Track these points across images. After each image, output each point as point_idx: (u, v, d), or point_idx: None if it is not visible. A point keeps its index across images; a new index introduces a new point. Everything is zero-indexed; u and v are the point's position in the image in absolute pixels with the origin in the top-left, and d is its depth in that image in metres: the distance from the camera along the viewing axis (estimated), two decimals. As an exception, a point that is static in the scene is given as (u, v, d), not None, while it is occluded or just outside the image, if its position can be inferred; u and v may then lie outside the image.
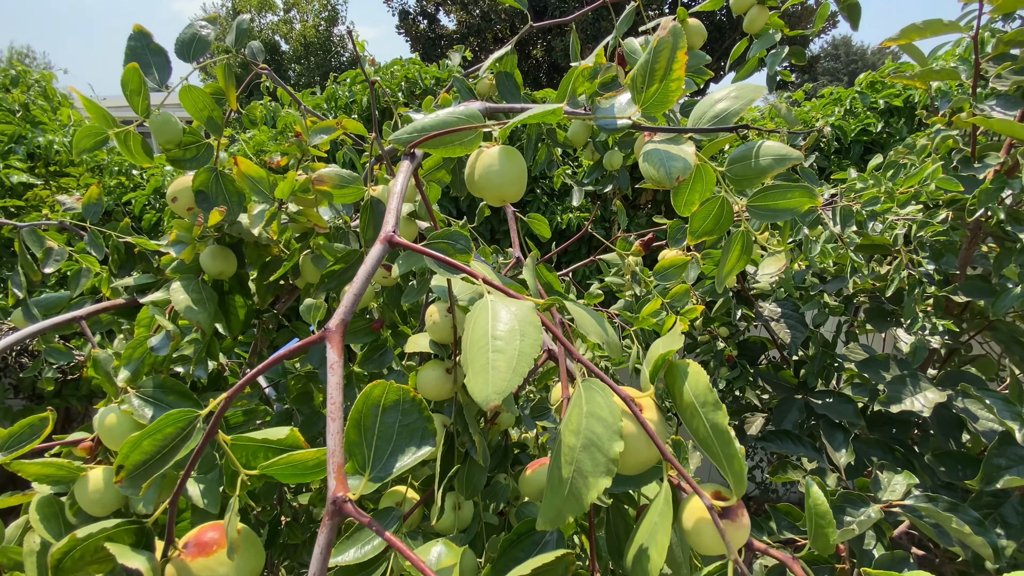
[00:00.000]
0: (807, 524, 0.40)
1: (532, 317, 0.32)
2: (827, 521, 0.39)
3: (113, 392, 0.60)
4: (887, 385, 1.43)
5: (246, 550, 0.37)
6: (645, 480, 0.49)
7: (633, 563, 0.30)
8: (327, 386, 0.34)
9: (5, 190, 2.66)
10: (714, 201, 0.51)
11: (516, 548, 0.43)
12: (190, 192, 0.69)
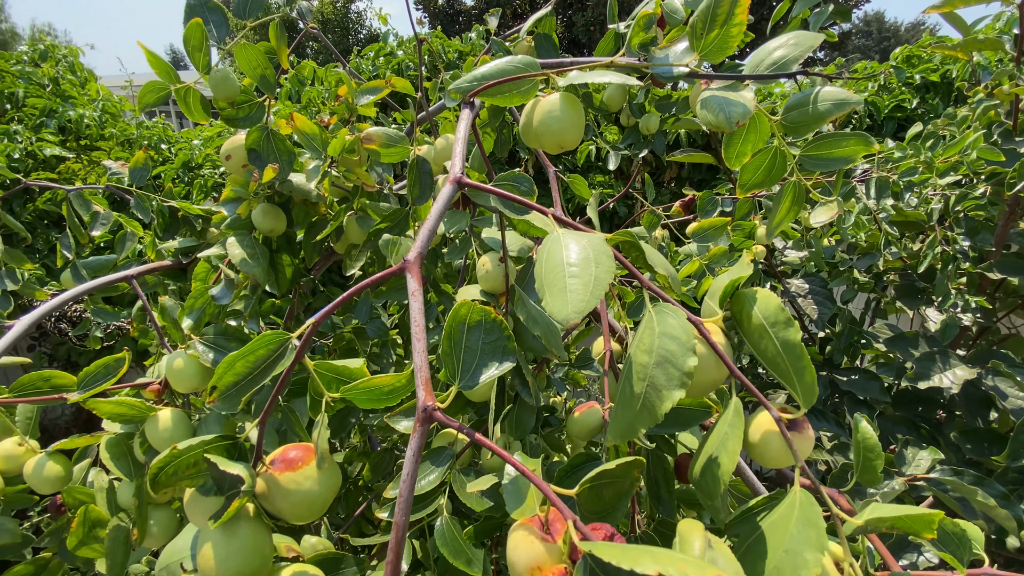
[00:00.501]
0: (854, 458, 0.41)
1: (605, 247, 0.34)
2: (875, 454, 0.40)
3: (179, 338, 0.63)
4: (915, 362, 1.42)
5: (328, 467, 0.40)
6: (689, 423, 0.51)
7: (702, 472, 0.32)
8: (410, 311, 0.36)
9: (38, 163, 2.73)
10: (767, 152, 0.51)
11: (571, 478, 0.45)
12: (243, 150, 0.71)
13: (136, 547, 0.61)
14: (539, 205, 0.39)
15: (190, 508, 0.41)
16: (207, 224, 1.07)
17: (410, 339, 0.77)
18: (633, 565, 0.21)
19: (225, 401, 0.38)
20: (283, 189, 0.72)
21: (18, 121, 2.81)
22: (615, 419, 0.34)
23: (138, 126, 2.87)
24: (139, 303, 1.08)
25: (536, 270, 0.35)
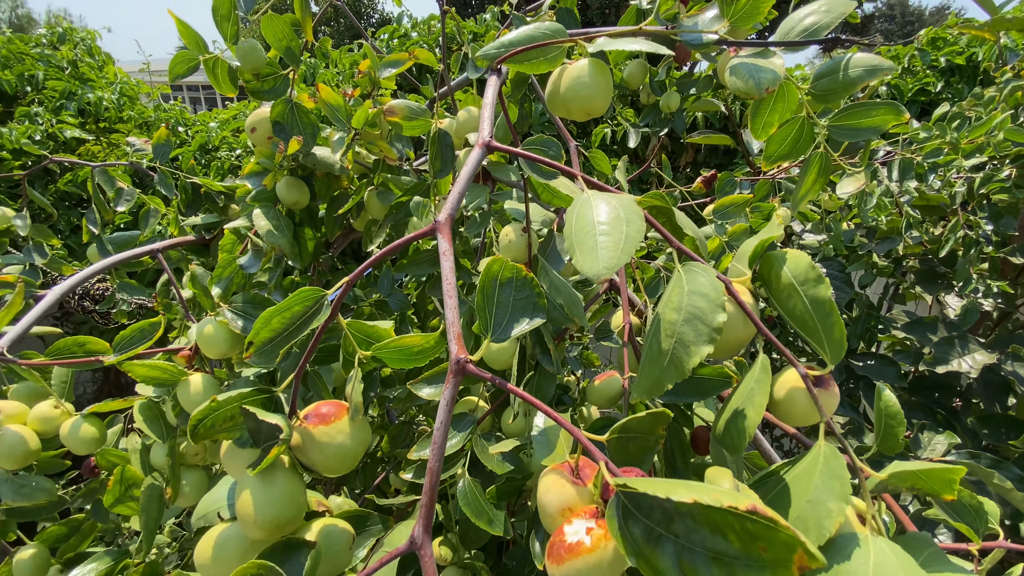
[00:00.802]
0: (876, 426, 0.42)
1: (635, 207, 0.34)
2: (897, 421, 0.40)
3: (209, 305, 0.65)
4: (934, 346, 1.41)
5: (359, 422, 0.41)
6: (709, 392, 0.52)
7: (726, 427, 0.32)
8: (442, 270, 0.37)
9: (59, 145, 2.77)
10: (794, 122, 0.51)
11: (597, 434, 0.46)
12: (268, 122, 0.72)
13: (169, 505, 0.64)
14: (567, 167, 0.39)
15: (227, 460, 0.42)
16: (229, 200, 1.09)
17: (427, 316, 0.79)
18: (669, 494, 0.22)
19: (261, 356, 0.40)
20: (307, 162, 0.73)
21: (38, 103, 2.85)
22: (642, 376, 0.35)
23: (155, 108, 2.89)
24: (163, 278, 1.11)
25: (566, 231, 0.35)
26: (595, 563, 0.24)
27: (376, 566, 0.33)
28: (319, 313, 0.38)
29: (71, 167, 2.75)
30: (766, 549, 0.21)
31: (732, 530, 0.22)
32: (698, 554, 0.23)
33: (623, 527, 0.24)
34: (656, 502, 0.24)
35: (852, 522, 0.30)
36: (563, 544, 0.26)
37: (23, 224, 1.06)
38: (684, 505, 0.23)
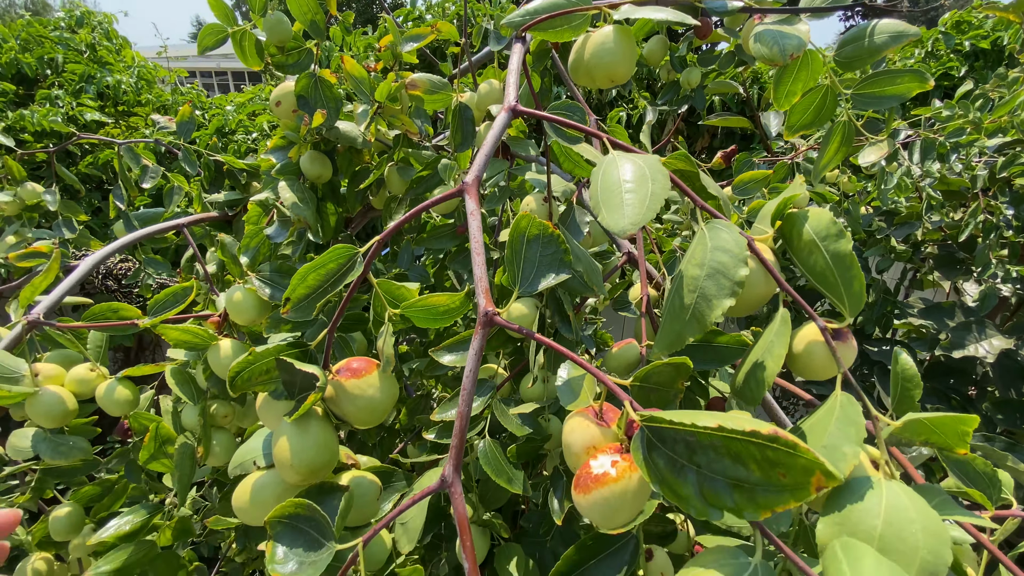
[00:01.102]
0: (892, 390, 0.43)
1: (660, 166, 0.35)
2: (914, 384, 0.41)
3: (238, 273, 0.67)
4: (951, 331, 1.40)
5: (389, 377, 0.43)
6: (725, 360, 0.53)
7: (746, 378, 0.33)
8: (470, 229, 0.38)
9: (79, 128, 2.81)
10: (818, 91, 0.51)
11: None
12: (292, 96, 0.73)
13: (201, 464, 0.67)
14: (593, 129, 0.40)
15: (262, 411, 0.45)
16: (251, 178, 1.11)
17: (444, 292, 0.79)
18: (694, 420, 0.23)
19: (297, 312, 0.42)
20: (330, 136, 0.75)
21: (59, 86, 2.89)
22: (663, 331, 0.36)
23: (173, 92, 2.92)
24: (188, 254, 1.14)
25: (591, 191, 0.36)
26: (620, 491, 0.26)
27: (409, 503, 0.35)
28: (353, 269, 0.39)
29: (91, 150, 2.80)
30: (785, 475, 0.23)
31: (753, 459, 0.24)
32: (719, 482, 0.24)
33: (647, 458, 0.26)
34: (679, 435, 0.26)
35: (866, 467, 0.31)
36: (590, 475, 0.27)
37: (53, 199, 1.09)
38: (706, 436, 0.25)
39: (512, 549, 0.60)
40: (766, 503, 0.23)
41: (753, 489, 0.23)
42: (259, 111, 2.84)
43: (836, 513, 0.29)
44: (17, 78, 2.88)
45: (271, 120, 2.76)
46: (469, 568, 0.32)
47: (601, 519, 0.26)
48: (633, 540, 0.47)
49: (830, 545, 0.27)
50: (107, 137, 1.15)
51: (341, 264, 0.40)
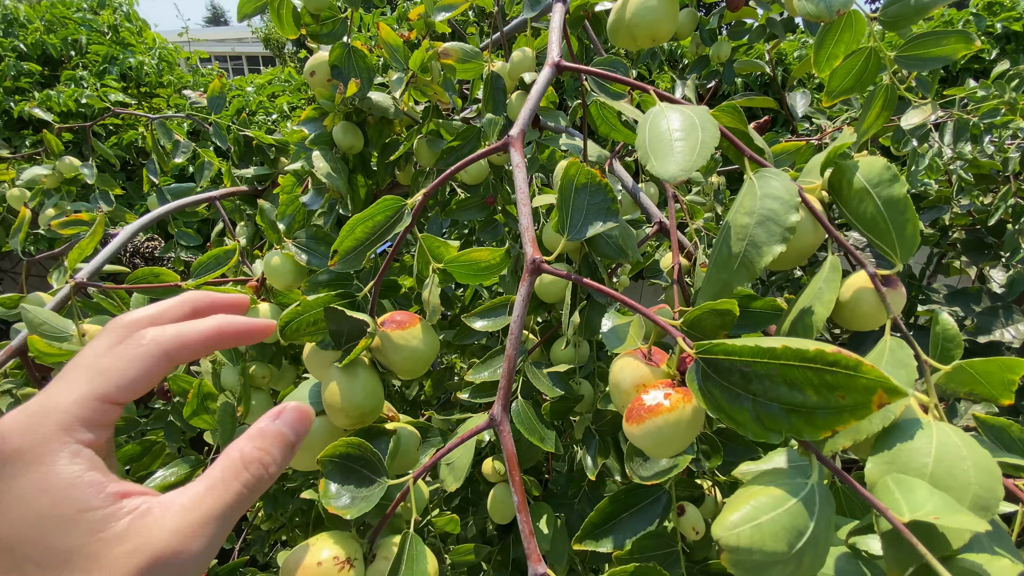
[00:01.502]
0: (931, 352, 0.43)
1: (709, 116, 0.36)
2: (955, 344, 0.41)
3: (275, 239, 0.69)
4: (977, 316, 1.38)
5: (430, 330, 0.45)
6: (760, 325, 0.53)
7: (792, 325, 0.34)
8: (516, 181, 0.39)
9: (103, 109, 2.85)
10: (860, 53, 0.51)
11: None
12: (326, 66, 0.74)
13: (241, 422, 0.69)
14: (639, 82, 0.40)
15: (309, 361, 0.46)
16: (280, 153, 1.13)
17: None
18: (758, 341, 0.24)
19: (345, 264, 0.43)
20: (363, 106, 0.76)
21: (83, 67, 2.94)
22: (708, 280, 0.37)
23: (194, 73, 2.95)
24: (218, 227, 1.16)
25: (638, 141, 0.37)
26: (674, 421, 0.27)
27: (458, 441, 0.36)
28: (401, 220, 0.40)
29: (115, 131, 2.84)
30: (845, 396, 0.23)
31: (810, 385, 0.24)
32: (775, 408, 0.25)
33: (703, 388, 0.27)
34: (734, 365, 0.26)
35: (916, 411, 0.31)
36: (643, 406, 0.28)
37: (90, 173, 1.12)
38: (761, 366, 0.26)
39: (542, 508, 0.61)
40: (825, 423, 0.23)
41: (811, 412, 0.24)
42: (278, 92, 2.86)
43: (885, 452, 0.30)
44: (43, 59, 2.92)
45: (291, 101, 2.78)
46: (519, 502, 0.33)
47: (653, 447, 0.27)
48: (665, 495, 0.49)
49: (881, 481, 0.28)
50: (141, 112, 1.17)
51: (389, 216, 0.41)
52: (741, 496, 0.24)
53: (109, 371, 0.25)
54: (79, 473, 0.23)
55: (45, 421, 0.23)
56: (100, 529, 0.22)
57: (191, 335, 0.28)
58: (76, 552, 0.21)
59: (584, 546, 0.46)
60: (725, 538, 0.22)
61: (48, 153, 1.15)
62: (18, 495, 0.22)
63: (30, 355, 0.75)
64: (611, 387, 0.33)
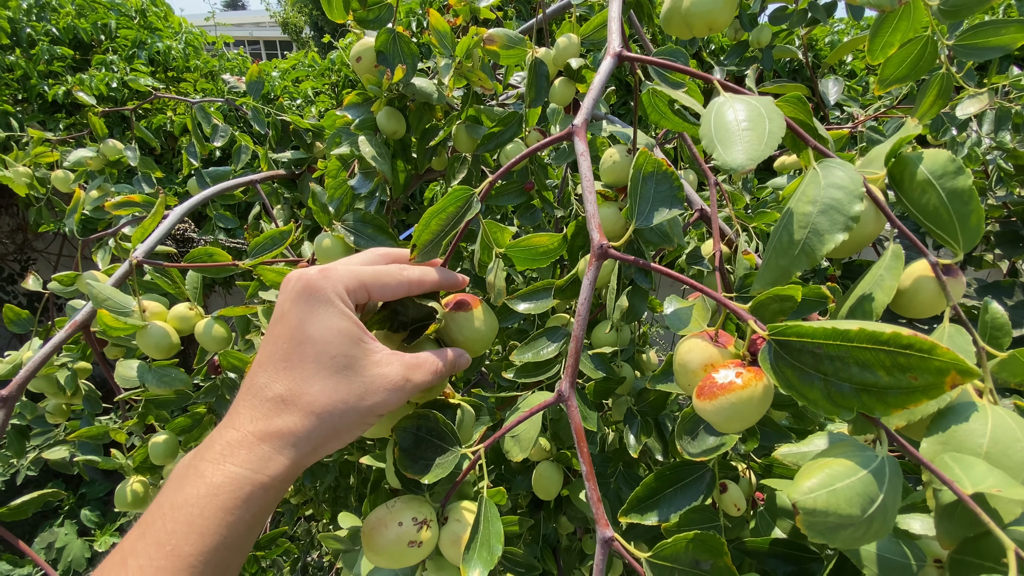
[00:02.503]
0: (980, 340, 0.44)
1: (775, 107, 0.37)
2: (1004, 332, 0.42)
3: (325, 221, 0.71)
4: (1009, 309, 1.36)
5: (490, 312, 0.47)
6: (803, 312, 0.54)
7: (851, 311, 0.35)
8: (580, 169, 0.40)
9: (132, 92, 2.90)
10: (917, 41, 0.51)
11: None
12: (372, 52, 0.76)
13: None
14: (702, 72, 0.41)
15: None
16: (316, 138, 1.15)
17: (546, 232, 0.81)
18: (832, 324, 0.25)
19: (424, 256, 0.45)
20: (407, 91, 0.77)
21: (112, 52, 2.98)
22: (767, 267, 0.38)
23: (219, 58, 2.98)
24: (254, 211, 1.19)
25: (702, 131, 0.38)
26: (747, 397, 0.29)
27: (528, 413, 0.39)
28: (471, 208, 0.42)
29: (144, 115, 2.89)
30: (917, 377, 0.25)
31: (881, 366, 0.26)
32: (846, 387, 0.27)
33: (775, 367, 0.28)
34: (806, 347, 0.28)
35: (971, 394, 0.33)
36: (715, 384, 0.30)
37: (133, 155, 1.15)
38: (833, 348, 0.27)
39: (582, 484, 0.64)
40: (896, 402, 0.25)
41: (883, 391, 0.25)
42: (302, 77, 2.88)
43: (940, 433, 0.31)
44: (74, 43, 2.97)
45: (314, 86, 2.80)
46: (587, 471, 0.35)
47: (724, 422, 0.29)
48: (709, 473, 0.51)
49: (938, 458, 0.30)
50: (181, 96, 1.20)
51: (459, 206, 0.43)
52: (812, 467, 0.26)
53: (371, 272, 0.37)
54: (354, 318, 0.36)
55: (331, 277, 0.35)
56: (372, 352, 0.36)
57: (419, 282, 0.40)
58: (359, 359, 0.35)
59: (630, 518, 0.48)
60: (803, 501, 0.23)
61: (92, 136, 1.19)
62: (322, 315, 0.34)
63: (92, 329, 0.79)
64: (678, 367, 0.35)
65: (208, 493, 0.30)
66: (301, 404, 0.33)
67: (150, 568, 0.28)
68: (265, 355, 0.35)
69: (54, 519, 2.69)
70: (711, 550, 0.36)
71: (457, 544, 0.39)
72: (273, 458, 0.32)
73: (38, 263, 3.76)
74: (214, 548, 0.29)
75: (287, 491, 0.34)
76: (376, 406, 0.35)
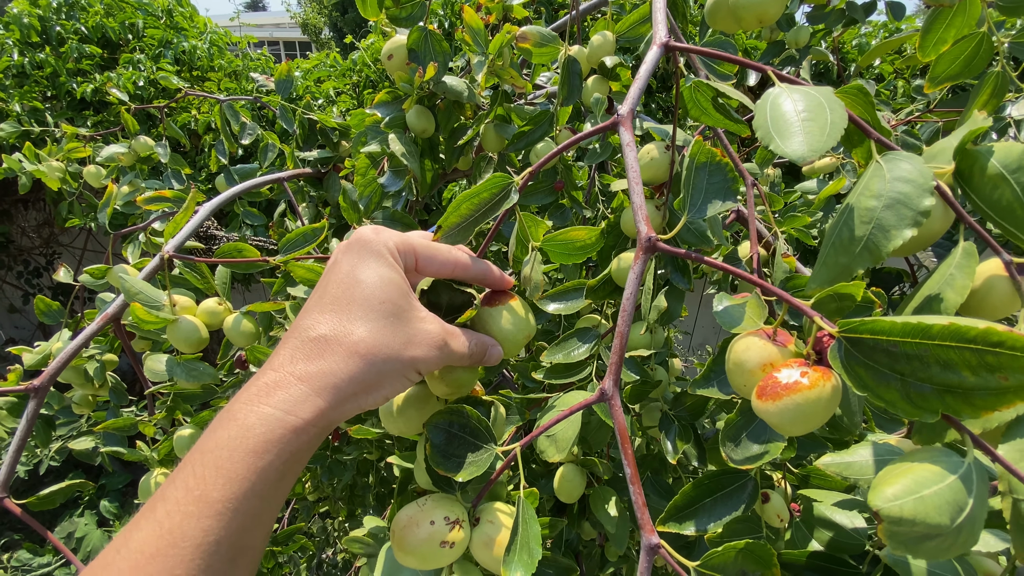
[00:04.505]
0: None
1: (835, 97, 0.35)
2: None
3: (355, 219, 0.71)
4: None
5: (527, 309, 0.46)
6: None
7: (918, 312, 0.34)
8: (626, 161, 0.39)
9: (159, 91, 2.96)
10: (971, 39, 0.49)
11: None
12: (404, 50, 0.75)
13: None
14: (755, 63, 0.40)
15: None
16: (342, 137, 1.15)
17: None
18: (916, 319, 0.24)
19: (448, 239, 0.44)
20: (438, 89, 0.77)
21: (139, 51, 3.05)
22: (824, 265, 0.36)
23: (244, 58, 3.02)
24: (280, 208, 1.20)
25: (757, 122, 0.36)
26: (815, 398, 0.27)
27: (567, 412, 0.37)
28: (507, 198, 0.41)
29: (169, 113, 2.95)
30: (1007, 378, 0.23)
31: (967, 366, 0.24)
32: (927, 388, 0.25)
33: (847, 366, 0.27)
34: (880, 344, 0.26)
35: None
36: (778, 384, 0.28)
37: (164, 152, 1.17)
38: (911, 346, 0.26)
39: (607, 491, 0.62)
40: (985, 404, 0.23)
41: (969, 392, 0.24)
42: (324, 77, 2.91)
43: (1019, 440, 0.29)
44: (102, 42, 3.04)
45: (336, 86, 2.83)
46: (631, 474, 0.34)
47: (789, 424, 0.28)
48: (751, 482, 0.49)
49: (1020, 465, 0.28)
50: (210, 93, 1.22)
51: (495, 193, 0.42)
52: (893, 472, 0.24)
53: (422, 242, 0.39)
54: (403, 274, 0.36)
55: (382, 236, 0.37)
56: (416, 308, 0.36)
57: (465, 266, 0.41)
58: (405, 311, 0.35)
59: (667, 528, 0.47)
60: (887, 509, 0.22)
61: (124, 132, 1.21)
62: (374, 264, 0.35)
63: (123, 323, 0.80)
64: (733, 366, 0.33)
65: (238, 435, 0.29)
66: (346, 345, 0.32)
67: (177, 513, 0.27)
68: (313, 300, 0.35)
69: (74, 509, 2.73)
70: (760, 561, 0.34)
71: (490, 546, 0.38)
72: (309, 399, 0.31)
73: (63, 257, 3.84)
74: (243, 495, 0.28)
75: (320, 443, 0.33)
76: (417, 360, 0.35)
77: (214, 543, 0.27)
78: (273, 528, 0.32)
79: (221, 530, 0.27)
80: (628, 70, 0.71)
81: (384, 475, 1.28)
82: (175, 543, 0.26)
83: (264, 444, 0.29)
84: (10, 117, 2.56)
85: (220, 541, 0.27)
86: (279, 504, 0.31)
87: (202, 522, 0.27)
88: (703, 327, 3.93)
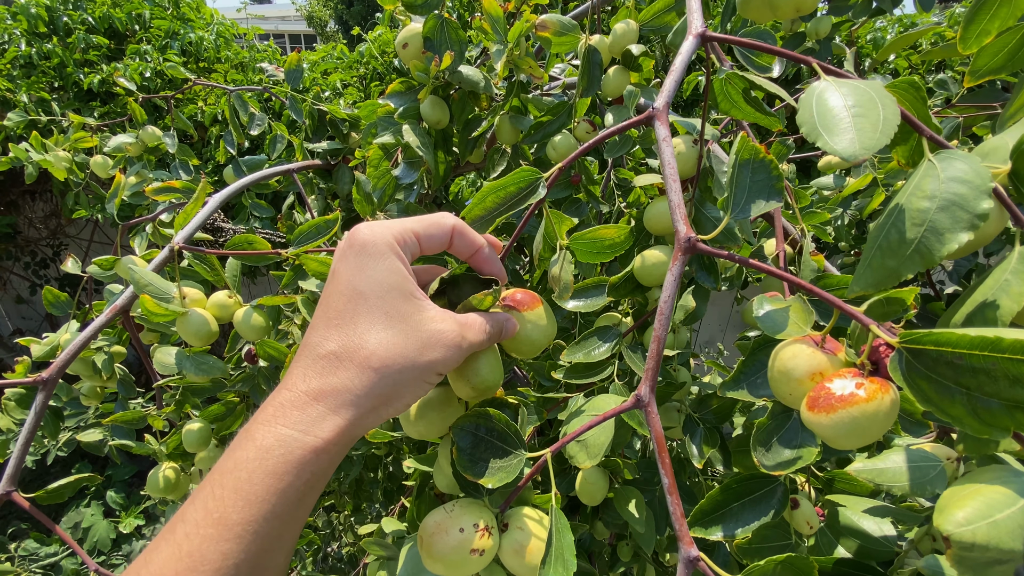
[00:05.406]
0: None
1: (887, 92, 0.33)
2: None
3: (368, 211, 0.70)
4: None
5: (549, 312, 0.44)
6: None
7: (968, 319, 0.32)
8: (663, 156, 0.37)
9: (165, 82, 2.94)
10: (1017, 30, 0.47)
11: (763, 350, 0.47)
12: (419, 38, 0.74)
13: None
14: (797, 54, 0.38)
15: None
16: (352, 128, 1.14)
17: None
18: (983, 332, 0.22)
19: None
20: (453, 79, 0.75)
21: (146, 42, 3.02)
22: (869, 267, 0.35)
23: (250, 49, 3.00)
24: (288, 201, 1.19)
25: (802, 117, 0.35)
26: (872, 412, 0.26)
27: (601, 418, 0.36)
28: (535, 192, 0.40)
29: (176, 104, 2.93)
30: (1088, 395, 0.22)
31: (1041, 381, 0.23)
32: (994, 403, 0.24)
33: (908, 379, 0.25)
34: (943, 357, 0.25)
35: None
36: (832, 395, 0.27)
37: (172, 142, 1.15)
38: (978, 359, 0.24)
39: (631, 492, 0.61)
40: (1063, 423, 0.22)
41: (1044, 409, 0.22)
42: (331, 69, 2.89)
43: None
44: (109, 32, 3.02)
45: (343, 78, 2.80)
46: (668, 484, 0.33)
47: (843, 438, 0.26)
48: (781, 487, 0.47)
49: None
50: (217, 84, 1.20)
51: (522, 188, 0.40)
52: (960, 494, 0.23)
53: (419, 222, 0.36)
54: (406, 273, 0.34)
55: (382, 233, 0.34)
56: (425, 308, 0.34)
57: (470, 241, 0.39)
58: (411, 315, 0.33)
59: (694, 532, 0.45)
60: (959, 534, 0.21)
61: (132, 122, 1.19)
62: (373, 270, 0.33)
63: (132, 315, 0.79)
64: (777, 374, 0.32)
65: (257, 456, 0.29)
66: (357, 360, 0.31)
67: (196, 536, 0.27)
68: (318, 315, 0.34)
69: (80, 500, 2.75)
70: (801, 573, 0.33)
71: (520, 554, 0.37)
72: (327, 418, 0.30)
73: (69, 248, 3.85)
74: (263, 517, 0.27)
75: (341, 460, 0.32)
76: (435, 363, 0.33)
77: (233, 567, 0.26)
78: (295, 547, 0.31)
79: (240, 553, 0.26)
80: (652, 60, 0.69)
81: (391, 471, 1.27)
82: (195, 567, 0.25)
83: (284, 465, 0.28)
84: (17, 107, 2.55)
85: (239, 564, 0.26)
86: (300, 524, 0.30)
87: (221, 545, 0.26)
88: (709, 324, 3.91)
